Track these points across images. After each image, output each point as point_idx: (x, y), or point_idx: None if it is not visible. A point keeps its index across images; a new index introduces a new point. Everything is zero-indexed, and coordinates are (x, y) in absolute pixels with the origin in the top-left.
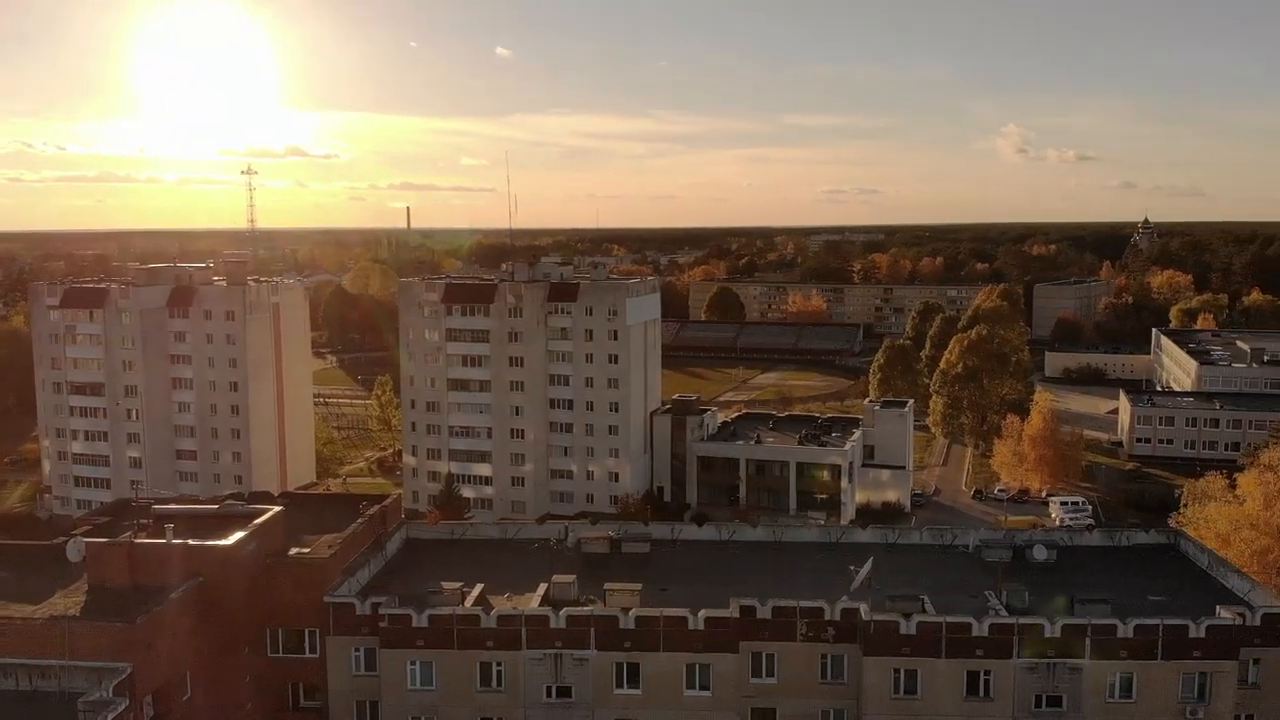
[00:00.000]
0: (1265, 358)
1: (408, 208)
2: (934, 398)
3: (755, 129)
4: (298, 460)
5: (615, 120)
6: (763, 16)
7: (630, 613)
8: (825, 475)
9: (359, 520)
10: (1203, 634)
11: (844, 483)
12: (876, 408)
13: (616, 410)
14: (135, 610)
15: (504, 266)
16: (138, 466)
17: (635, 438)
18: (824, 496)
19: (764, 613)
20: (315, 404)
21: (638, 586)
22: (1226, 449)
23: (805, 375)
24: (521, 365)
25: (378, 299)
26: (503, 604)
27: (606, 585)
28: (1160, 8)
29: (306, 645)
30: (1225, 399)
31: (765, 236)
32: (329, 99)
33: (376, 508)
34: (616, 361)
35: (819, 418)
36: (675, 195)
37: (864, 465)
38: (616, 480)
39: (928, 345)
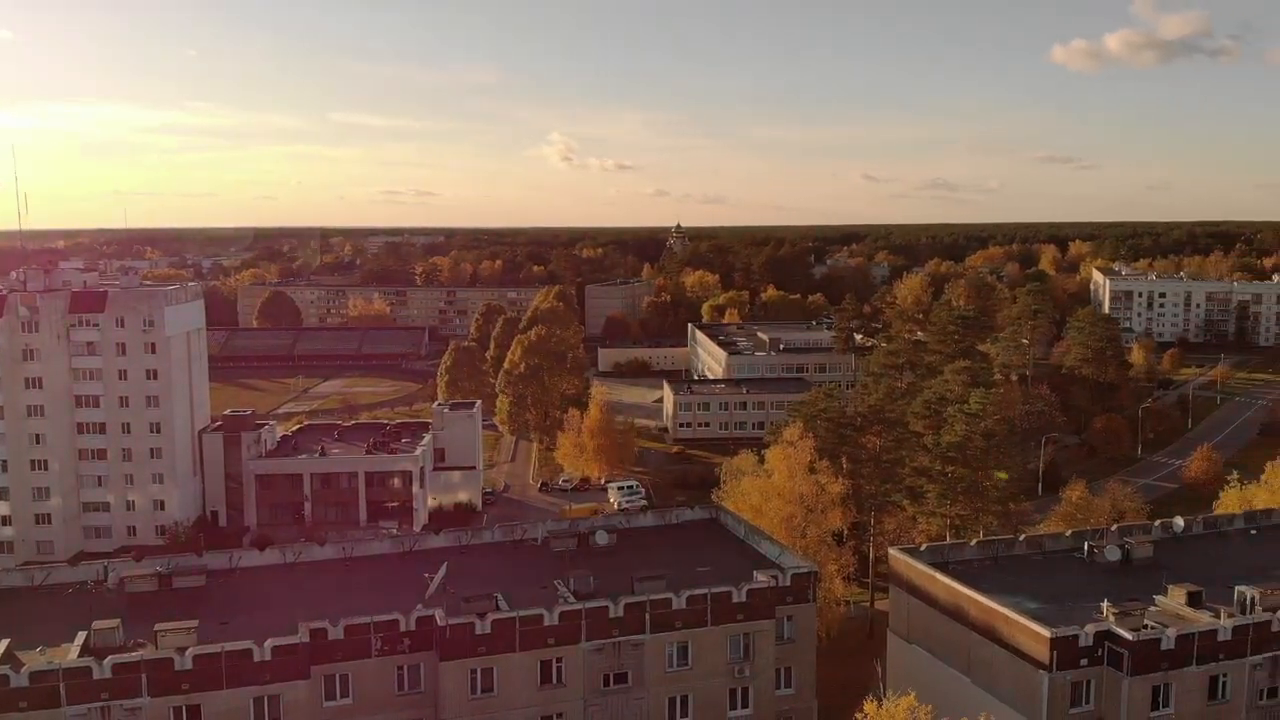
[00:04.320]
0: (781, 346)
1: None
2: (500, 397)
3: (301, 125)
4: None
5: (142, 111)
6: (295, 8)
7: (187, 652)
8: (396, 483)
9: None
10: (744, 598)
11: (416, 488)
12: (445, 410)
13: (158, 431)
14: None
15: (14, 274)
16: None
17: (182, 460)
18: (396, 504)
19: (336, 633)
20: None
21: (194, 623)
22: (754, 428)
23: (371, 381)
24: (40, 387)
25: None
26: (35, 659)
27: (157, 626)
28: (682, 30)
29: None
30: (751, 384)
31: (320, 237)
32: None
33: None
34: (155, 377)
35: (387, 424)
36: (216, 193)
37: (435, 468)
38: (162, 508)
39: (492, 346)
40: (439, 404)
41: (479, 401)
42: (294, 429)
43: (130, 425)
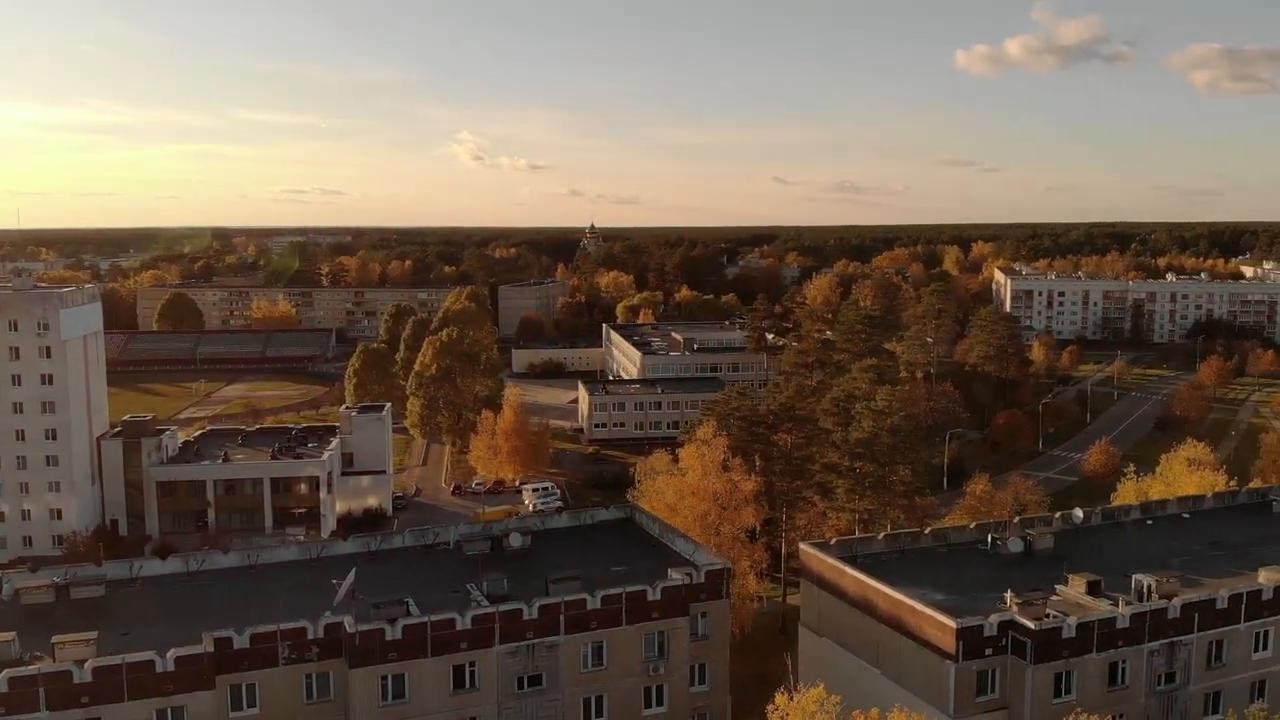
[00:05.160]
0: (695, 346)
1: None
2: (411, 399)
3: (203, 123)
4: None
5: (37, 107)
6: (197, 2)
7: (86, 665)
8: (303, 488)
9: None
10: (659, 596)
11: (323, 494)
12: (353, 414)
13: (54, 438)
14: None
15: None
16: None
17: (80, 467)
18: (303, 510)
19: (241, 642)
20: None
21: (93, 635)
22: (669, 427)
23: (276, 385)
24: None
25: None
26: None
27: (55, 638)
28: (592, 31)
29: None
30: (666, 384)
31: (223, 237)
32: None
33: None
34: (51, 382)
35: (293, 428)
36: (115, 192)
37: (343, 473)
38: (60, 517)
39: (402, 348)
40: (347, 407)
41: (389, 404)
42: (196, 434)
43: (25, 432)
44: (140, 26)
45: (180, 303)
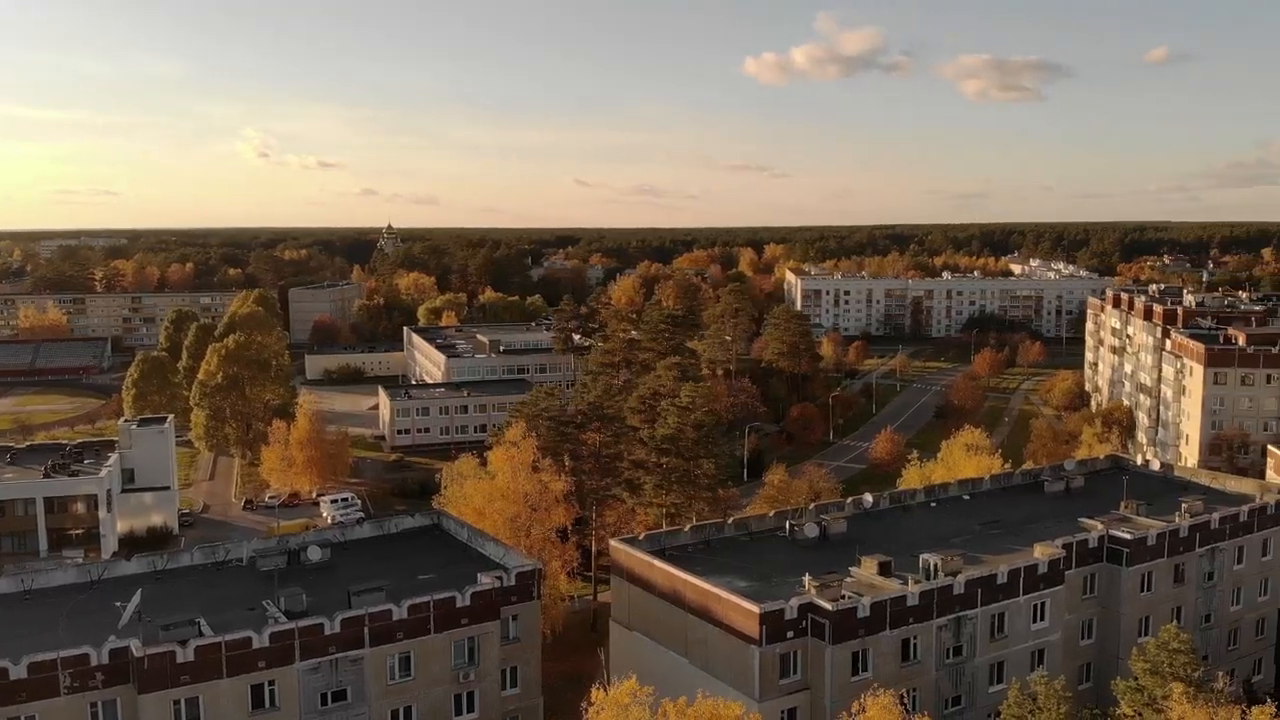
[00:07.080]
0: (501, 348)
1: None
2: (195, 410)
3: None
4: None
5: None
6: None
7: None
8: (80, 508)
9: None
10: (469, 602)
11: (102, 513)
12: (133, 427)
13: None
14: None
15: None
16: None
17: None
18: (81, 531)
19: (18, 672)
20: None
21: None
22: (476, 431)
23: (47, 398)
24: None
25: None
26: None
27: None
28: (378, 26)
29: None
30: (472, 387)
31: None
32: None
33: None
34: None
35: (68, 444)
36: None
37: (124, 490)
38: None
39: (185, 356)
40: (126, 420)
41: (171, 416)
42: None
43: None
44: None
45: None
